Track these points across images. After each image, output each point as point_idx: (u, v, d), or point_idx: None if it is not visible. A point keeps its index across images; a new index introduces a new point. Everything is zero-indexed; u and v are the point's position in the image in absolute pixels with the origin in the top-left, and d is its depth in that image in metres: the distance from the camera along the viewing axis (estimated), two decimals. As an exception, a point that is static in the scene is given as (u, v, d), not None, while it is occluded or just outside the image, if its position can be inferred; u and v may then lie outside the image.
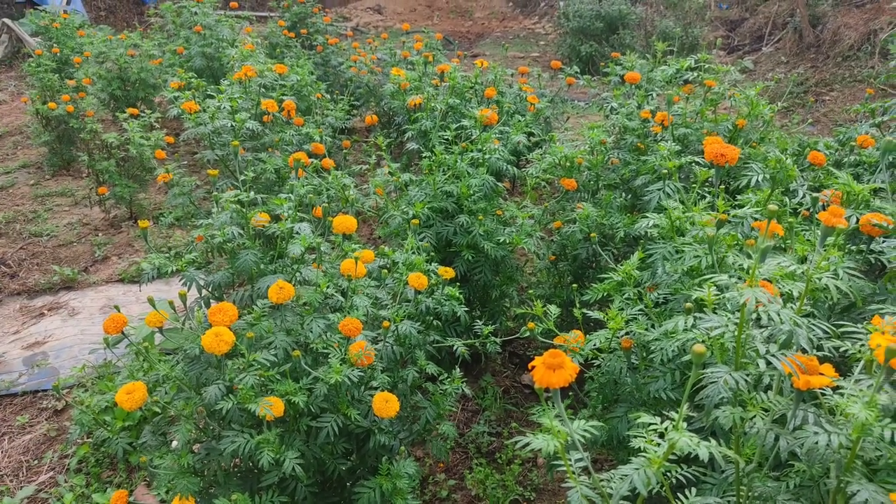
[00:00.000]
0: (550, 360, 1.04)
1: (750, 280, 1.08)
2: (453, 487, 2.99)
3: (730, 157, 2.04)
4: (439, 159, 3.29)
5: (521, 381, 3.74)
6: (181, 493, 1.86)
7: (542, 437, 1.05)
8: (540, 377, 1.04)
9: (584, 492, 1.00)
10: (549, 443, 1.02)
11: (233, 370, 1.88)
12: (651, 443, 1.18)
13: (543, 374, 1.04)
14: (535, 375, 1.05)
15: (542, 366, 1.05)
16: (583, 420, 1.10)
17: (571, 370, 1.04)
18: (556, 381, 1.02)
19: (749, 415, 1.15)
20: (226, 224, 2.25)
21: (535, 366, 1.06)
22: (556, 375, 1.03)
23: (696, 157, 2.27)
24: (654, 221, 1.93)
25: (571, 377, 1.03)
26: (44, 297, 4.74)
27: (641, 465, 1.00)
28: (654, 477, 0.98)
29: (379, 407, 2.00)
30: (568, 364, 1.04)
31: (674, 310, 2.12)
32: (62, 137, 6.61)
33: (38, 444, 3.45)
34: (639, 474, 0.98)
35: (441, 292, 2.45)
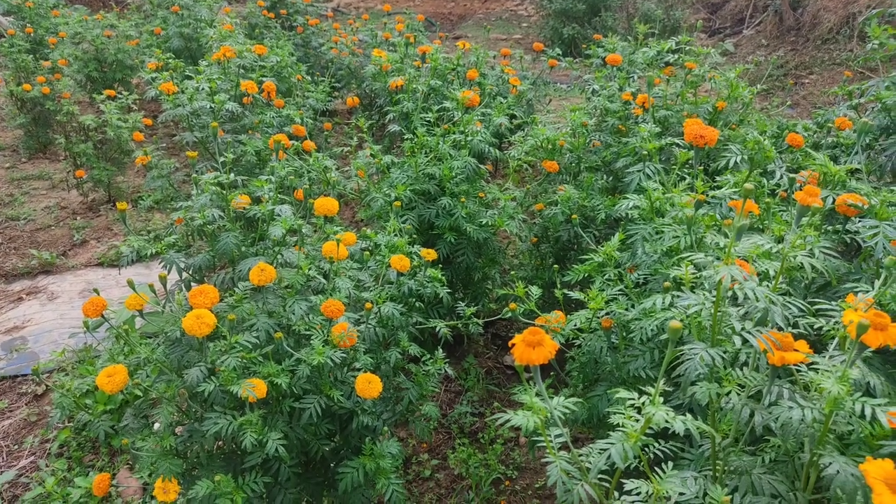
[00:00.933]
0: (530, 338, 1.05)
1: (726, 258, 1.10)
2: (436, 467, 3.02)
3: (709, 139, 2.06)
4: (421, 141, 3.28)
5: (503, 362, 3.76)
6: (164, 475, 1.86)
7: (522, 413, 1.06)
8: (520, 354, 1.05)
9: (563, 466, 1.02)
10: (529, 419, 1.04)
11: (214, 352, 1.87)
12: (629, 418, 1.20)
13: (523, 352, 1.05)
14: (514, 353, 1.07)
15: (521, 343, 1.06)
16: (563, 397, 1.12)
17: (551, 347, 1.05)
18: (535, 358, 1.04)
19: (725, 390, 1.17)
20: (206, 206, 2.23)
21: (515, 343, 1.07)
22: (535, 352, 1.04)
23: (676, 138, 2.28)
24: (635, 203, 1.95)
25: (551, 354, 1.05)
26: (22, 282, 4.69)
27: (619, 440, 1.02)
28: (631, 451, 1.00)
29: (362, 388, 2.00)
30: (547, 341, 1.06)
31: (653, 290, 2.14)
32: (38, 120, 6.50)
33: (18, 429, 3.42)
34: (616, 448, 1.00)
35: (423, 274, 2.45)
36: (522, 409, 1.07)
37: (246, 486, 1.89)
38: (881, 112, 2.86)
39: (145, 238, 2.30)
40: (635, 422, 1.03)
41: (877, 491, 0.91)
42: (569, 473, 1.04)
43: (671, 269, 1.41)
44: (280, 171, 2.23)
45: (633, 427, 1.02)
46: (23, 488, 3.07)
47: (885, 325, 1.13)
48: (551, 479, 1.03)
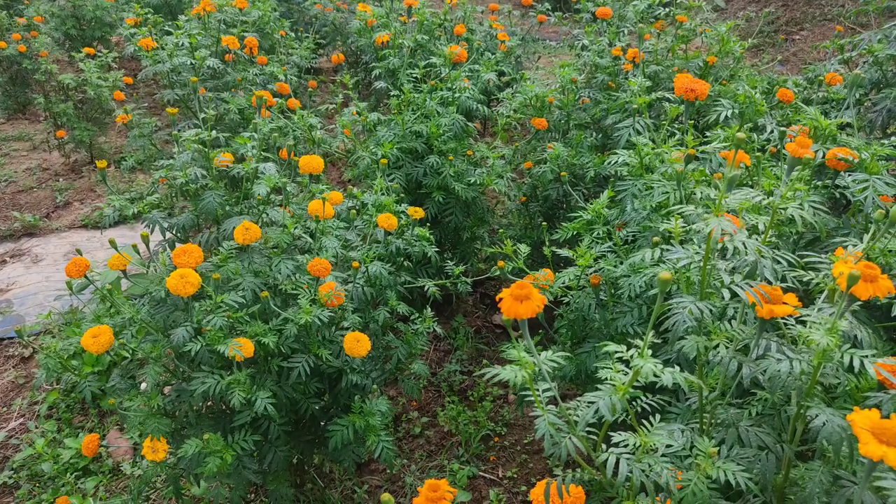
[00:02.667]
0: (518, 292, 1.03)
1: (716, 210, 1.08)
2: (426, 424, 3.05)
3: (699, 92, 2.03)
4: (408, 98, 3.22)
5: (492, 321, 3.77)
6: (152, 434, 1.86)
7: (510, 368, 1.05)
8: (507, 308, 1.04)
9: (550, 419, 1.01)
10: (517, 373, 1.03)
11: (200, 312, 1.85)
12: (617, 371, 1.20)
13: (511, 305, 1.03)
14: (502, 307, 1.05)
15: (509, 297, 1.04)
16: (550, 352, 1.11)
17: (538, 301, 1.04)
18: (523, 312, 1.02)
19: (713, 343, 1.17)
20: (188, 165, 2.18)
21: (503, 297, 1.06)
22: (523, 306, 1.03)
23: (666, 93, 2.25)
24: (624, 158, 1.92)
25: (539, 308, 1.03)
26: (5, 245, 4.62)
27: (607, 392, 1.01)
28: (619, 403, 1.00)
29: (350, 346, 2.00)
30: (535, 295, 1.04)
31: (642, 246, 2.13)
32: (15, 79, 6.33)
33: (5, 392, 3.41)
34: (604, 401, 0.99)
35: (411, 233, 2.43)
36: (511, 365, 1.06)
37: (235, 444, 1.89)
38: (872, 66, 2.83)
39: (127, 198, 2.26)
40: (624, 375, 1.02)
41: (863, 440, 0.92)
42: (556, 427, 1.04)
43: (661, 223, 1.40)
44: (263, 128, 2.19)
45: (622, 380, 1.02)
46: (13, 450, 3.07)
47: (874, 277, 1.12)
48: (539, 432, 1.02)
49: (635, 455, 1.03)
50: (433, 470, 2.78)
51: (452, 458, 2.86)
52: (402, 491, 2.74)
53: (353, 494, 2.71)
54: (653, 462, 1.02)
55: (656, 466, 1.01)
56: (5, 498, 2.85)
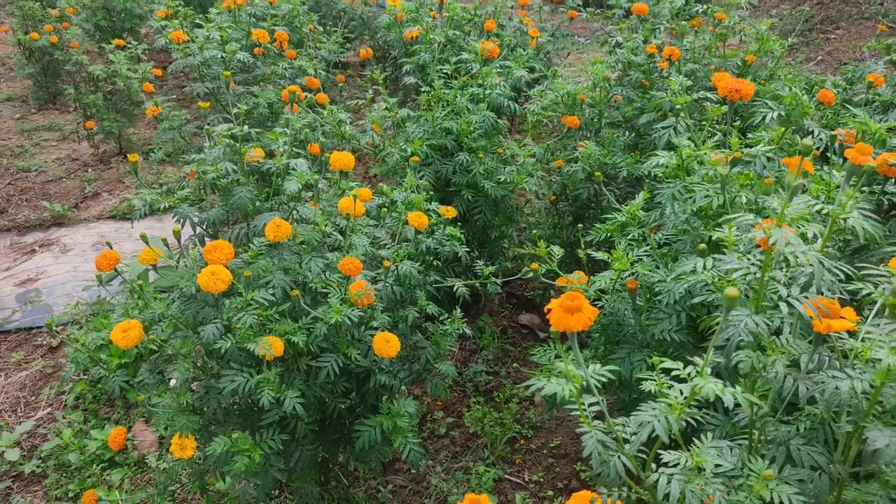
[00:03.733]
0: (568, 303, 0.99)
1: (778, 220, 1.03)
2: (451, 425, 3.01)
3: (744, 93, 1.97)
4: (438, 94, 3.18)
5: (518, 320, 3.73)
6: (181, 431, 1.84)
7: (556, 381, 1.01)
8: (557, 320, 0.99)
9: (598, 436, 0.97)
10: (563, 387, 0.99)
11: (230, 309, 1.83)
12: (662, 385, 1.15)
13: (560, 318, 0.99)
14: (551, 318, 1.01)
15: (559, 308, 1.00)
16: (599, 365, 1.06)
17: (590, 313, 0.99)
18: (574, 325, 0.98)
19: (770, 359, 1.11)
20: (219, 159, 2.17)
21: (551, 308, 1.01)
22: (574, 319, 0.98)
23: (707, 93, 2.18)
24: (665, 160, 1.87)
25: (590, 321, 0.99)
26: (34, 234, 4.67)
27: (661, 412, 0.97)
28: (675, 423, 0.95)
29: (379, 347, 1.97)
30: (586, 307, 1.00)
31: (678, 251, 2.08)
32: (47, 70, 6.40)
33: (34, 381, 3.44)
34: (660, 422, 0.95)
35: (442, 232, 2.39)
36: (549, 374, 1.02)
37: (264, 443, 1.87)
38: (921, 67, 2.74)
39: (158, 191, 2.25)
40: (678, 393, 0.98)
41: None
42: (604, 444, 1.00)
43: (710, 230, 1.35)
44: (296, 124, 2.16)
45: (676, 398, 0.97)
46: (41, 439, 3.09)
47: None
48: (587, 449, 0.98)
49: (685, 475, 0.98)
50: (458, 471, 2.75)
51: (478, 460, 2.82)
52: (427, 492, 2.71)
53: (378, 494, 2.68)
54: (703, 483, 0.98)
55: (708, 488, 0.97)
56: (33, 486, 2.87)
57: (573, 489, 2.72)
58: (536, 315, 3.77)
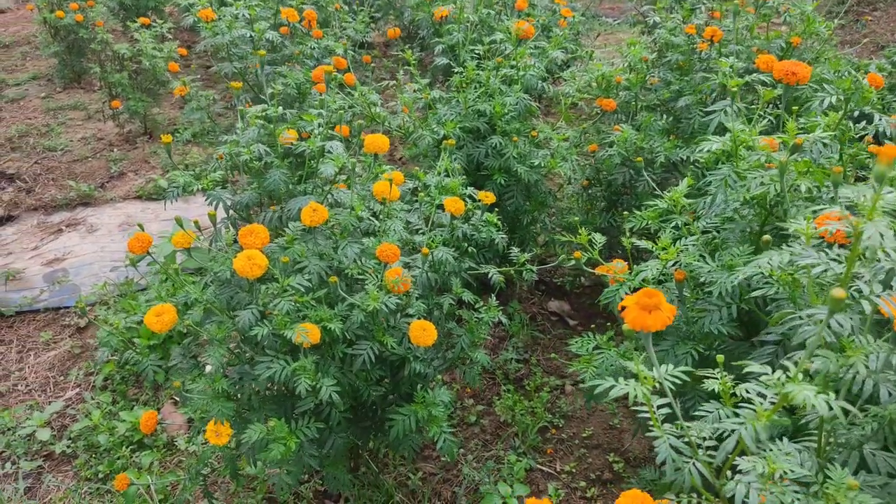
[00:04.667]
0: (646, 301, 0.93)
1: (870, 213, 0.96)
2: (481, 413, 2.97)
3: (801, 76, 1.88)
4: (471, 75, 3.10)
5: (547, 307, 3.67)
6: (216, 418, 1.81)
7: (626, 383, 0.95)
8: (633, 319, 0.93)
9: (672, 442, 0.92)
10: (635, 389, 0.93)
11: (266, 295, 1.80)
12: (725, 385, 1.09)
13: (637, 317, 0.93)
14: (626, 317, 0.95)
15: (635, 306, 0.94)
16: (671, 365, 1.01)
17: (669, 312, 0.93)
18: (652, 324, 0.92)
19: (850, 360, 1.05)
20: (252, 141, 2.12)
21: (626, 306, 0.95)
22: (652, 318, 0.92)
23: (760, 75, 2.09)
24: (717, 145, 1.79)
25: (669, 319, 0.93)
26: (61, 213, 4.67)
27: (749, 419, 0.91)
28: (763, 431, 0.89)
29: (416, 335, 1.92)
30: (665, 305, 0.94)
31: (724, 240, 2.00)
32: (72, 48, 6.38)
33: (62, 361, 3.45)
34: (746, 429, 0.89)
35: (479, 218, 2.33)
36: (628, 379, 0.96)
37: (299, 430, 1.84)
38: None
39: (190, 173, 2.20)
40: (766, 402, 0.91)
41: None
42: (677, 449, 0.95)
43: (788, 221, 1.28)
44: (332, 105, 2.10)
45: (763, 405, 0.91)
46: (70, 419, 3.10)
47: None
48: (660, 456, 0.93)
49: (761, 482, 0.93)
50: (490, 460, 2.71)
51: (509, 449, 2.78)
52: (457, 480, 2.68)
53: (408, 481, 2.66)
54: (780, 491, 0.92)
55: (786, 497, 0.91)
56: (64, 466, 2.88)
57: (606, 480, 2.67)
58: (566, 302, 3.71)
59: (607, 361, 2.02)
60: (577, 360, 2.15)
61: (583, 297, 3.75)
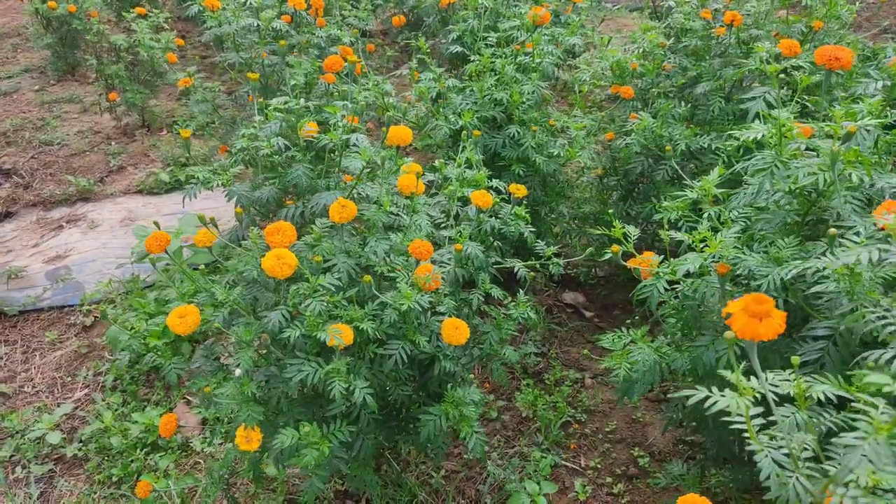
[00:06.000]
0: (755, 307, 0.86)
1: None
2: (502, 408, 2.92)
3: (844, 61, 1.82)
4: (486, 63, 3.03)
5: (562, 299, 3.62)
6: (246, 423, 1.75)
7: (729, 394, 0.90)
8: (742, 328, 0.87)
9: (775, 456, 0.86)
10: (737, 401, 0.87)
11: (297, 295, 1.73)
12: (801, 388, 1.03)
13: (746, 325, 0.86)
14: (734, 325, 0.89)
15: (742, 313, 0.87)
16: (772, 374, 0.95)
17: (780, 319, 0.87)
18: (764, 333, 0.86)
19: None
20: (274, 134, 2.04)
21: (732, 313, 0.89)
22: (763, 326, 0.86)
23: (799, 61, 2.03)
24: (762, 132, 1.73)
25: (780, 328, 0.87)
26: (61, 209, 4.57)
27: (868, 433, 0.85)
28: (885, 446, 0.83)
29: (448, 333, 1.86)
30: (775, 312, 0.88)
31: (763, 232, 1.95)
32: (65, 40, 6.24)
33: (69, 361, 3.37)
34: (871, 446, 0.83)
35: (508, 212, 2.27)
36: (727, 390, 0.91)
37: (332, 434, 1.78)
38: None
39: (210, 168, 2.12)
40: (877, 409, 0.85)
41: None
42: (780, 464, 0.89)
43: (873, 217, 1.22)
44: (357, 97, 2.03)
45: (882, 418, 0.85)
46: (80, 421, 3.03)
47: None
48: (763, 471, 0.87)
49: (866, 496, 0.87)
50: (514, 457, 2.66)
51: (532, 445, 2.73)
52: (481, 477, 2.63)
53: (430, 479, 2.60)
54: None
55: (893, 511, 0.86)
56: (75, 470, 2.81)
57: (632, 475, 2.63)
58: (581, 293, 3.65)
59: (643, 357, 1.97)
60: (609, 356, 2.10)
61: (598, 288, 3.70)
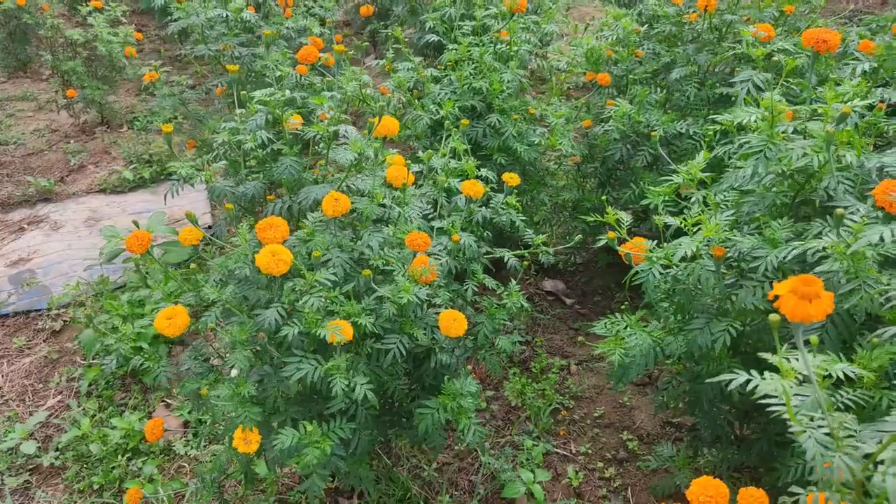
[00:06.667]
0: (804, 288, 0.86)
1: None
2: (490, 398, 2.92)
3: (832, 44, 1.85)
4: (464, 52, 3.00)
5: (542, 287, 3.63)
6: (243, 425, 1.70)
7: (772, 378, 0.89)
8: (792, 309, 0.86)
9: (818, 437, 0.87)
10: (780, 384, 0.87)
11: (293, 292, 1.68)
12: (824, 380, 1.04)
13: (796, 306, 0.86)
14: (783, 307, 0.88)
15: (791, 295, 0.87)
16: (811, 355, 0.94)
17: (828, 300, 0.87)
18: (814, 314, 0.85)
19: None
20: (259, 127, 1.98)
21: (779, 295, 0.88)
22: (813, 307, 0.85)
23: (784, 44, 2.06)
24: (753, 116, 1.74)
25: (830, 308, 0.87)
26: (21, 211, 4.40)
27: None
28: None
29: (446, 325, 1.84)
30: (824, 293, 0.87)
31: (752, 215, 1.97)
32: (14, 35, 5.99)
33: (39, 368, 3.25)
34: None
35: (500, 201, 2.25)
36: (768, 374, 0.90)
37: (332, 433, 1.74)
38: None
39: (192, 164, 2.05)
40: None
41: None
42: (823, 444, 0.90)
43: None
44: (346, 87, 1.98)
45: None
46: (55, 429, 2.93)
47: None
48: (809, 452, 0.87)
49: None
50: (506, 446, 2.66)
51: (522, 434, 2.74)
52: (473, 468, 2.62)
53: (423, 472, 2.58)
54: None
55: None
56: (53, 480, 2.71)
57: (622, 459, 2.65)
58: (560, 280, 3.67)
59: (638, 342, 1.98)
60: (602, 342, 2.11)
61: (577, 275, 3.72)
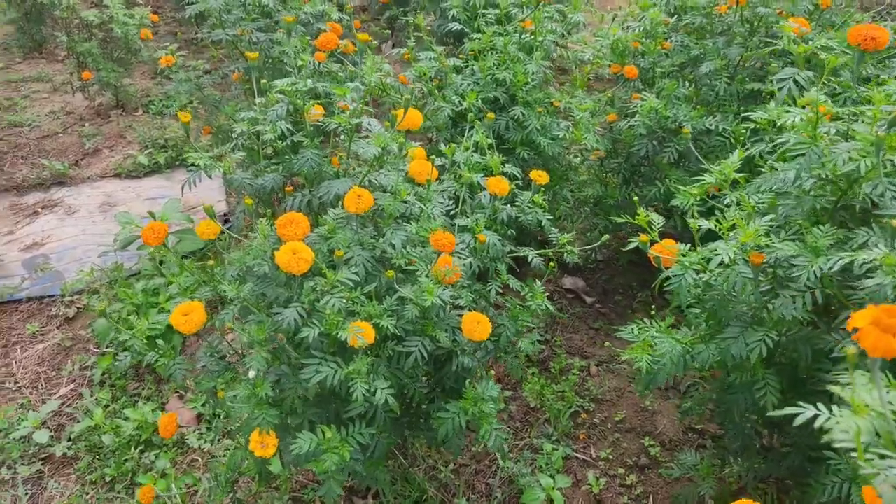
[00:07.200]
0: (887, 321, 0.78)
1: None
2: (508, 399, 2.86)
3: (880, 41, 1.75)
4: (487, 42, 2.92)
5: (562, 285, 3.56)
6: (261, 427, 1.65)
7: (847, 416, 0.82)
8: (873, 345, 0.78)
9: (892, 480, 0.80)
10: (853, 422, 0.80)
11: (313, 291, 1.63)
12: None
13: (878, 341, 0.77)
14: (863, 341, 0.80)
15: (874, 329, 0.79)
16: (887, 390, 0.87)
17: None
18: None
19: None
20: (280, 118, 1.92)
21: (859, 328, 0.81)
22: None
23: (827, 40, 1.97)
24: (797, 117, 1.66)
25: None
26: (35, 194, 4.37)
27: None
28: None
29: (470, 329, 1.78)
30: None
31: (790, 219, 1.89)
32: (30, 15, 5.94)
33: (53, 355, 3.22)
34: None
35: (527, 199, 2.18)
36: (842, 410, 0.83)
37: (351, 437, 1.69)
38: None
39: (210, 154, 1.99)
40: None
41: None
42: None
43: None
44: (370, 78, 1.91)
45: None
46: (67, 418, 2.90)
47: None
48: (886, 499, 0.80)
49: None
50: (525, 449, 2.60)
51: (541, 437, 2.68)
52: (491, 471, 2.57)
53: (439, 474, 2.53)
54: None
55: None
56: (65, 470, 2.69)
57: (643, 466, 2.59)
58: (580, 278, 3.60)
59: (668, 349, 1.91)
60: (630, 347, 2.04)
61: (597, 272, 3.65)
